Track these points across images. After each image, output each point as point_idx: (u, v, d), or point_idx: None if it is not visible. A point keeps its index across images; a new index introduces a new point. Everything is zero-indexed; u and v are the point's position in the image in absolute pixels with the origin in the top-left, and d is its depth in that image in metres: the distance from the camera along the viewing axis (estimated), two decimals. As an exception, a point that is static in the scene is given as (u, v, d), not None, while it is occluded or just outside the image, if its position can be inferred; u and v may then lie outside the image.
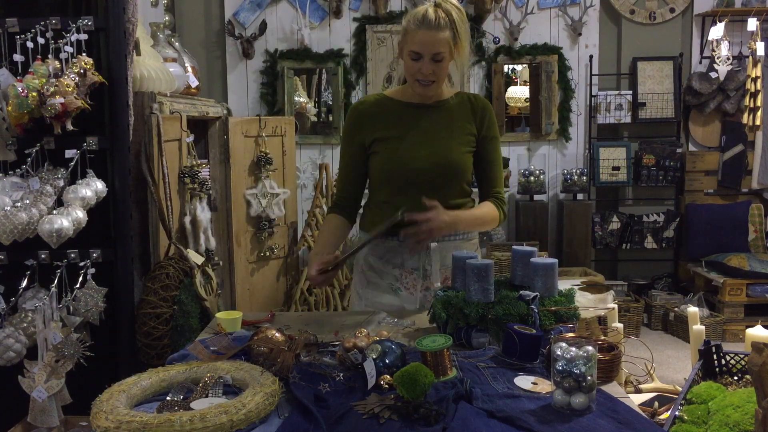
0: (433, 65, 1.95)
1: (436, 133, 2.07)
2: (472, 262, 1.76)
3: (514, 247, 1.92)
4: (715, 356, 2.25)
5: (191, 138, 3.20)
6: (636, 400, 2.92)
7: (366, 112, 2.12)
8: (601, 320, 3.85)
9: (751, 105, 4.79)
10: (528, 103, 5.46)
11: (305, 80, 5.36)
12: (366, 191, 2.21)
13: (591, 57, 5.19)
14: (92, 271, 2.42)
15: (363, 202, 2.24)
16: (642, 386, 3.25)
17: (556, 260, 1.82)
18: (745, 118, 4.86)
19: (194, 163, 3.18)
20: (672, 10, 5.19)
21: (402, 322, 1.92)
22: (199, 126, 3.60)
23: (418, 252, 2.07)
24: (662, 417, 2.67)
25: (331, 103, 5.29)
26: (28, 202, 2.24)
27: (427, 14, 1.92)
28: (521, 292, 1.72)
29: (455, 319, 1.72)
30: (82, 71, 2.32)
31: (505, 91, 5.33)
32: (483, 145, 2.12)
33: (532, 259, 1.82)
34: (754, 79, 4.76)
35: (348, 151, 2.15)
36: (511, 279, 1.88)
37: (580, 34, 5.18)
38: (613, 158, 5.16)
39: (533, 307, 1.67)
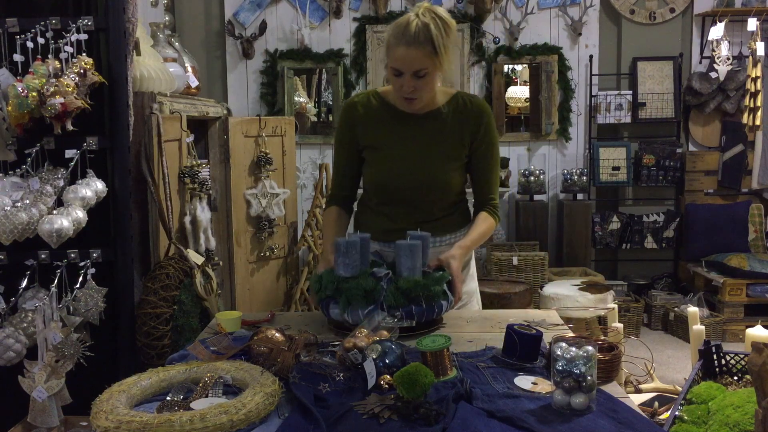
0: (415, 81, 1.87)
1: (427, 148, 2.02)
2: (338, 239, 1.85)
3: (408, 231, 1.92)
4: (715, 356, 2.26)
5: (191, 138, 3.20)
6: (636, 400, 2.93)
7: (359, 114, 2.06)
8: (601, 320, 3.86)
9: (751, 105, 4.79)
10: (528, 103, 5.46)
11: (305, 80, 5.36)
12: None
13: (591, 57, 5.19)
14: (92, 271, 2.42)
15: (358, 203, 2.24)
16: (642, 386, 3.26)
17: (419, 242, 1.84)
18: (745, 118, 4.86)
19: (194, 163, 3.18)
20: (672, 10, 5.19)
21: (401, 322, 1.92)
22: (199, 126, 3.60)
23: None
24: (662, 417, 2.67)
25: (331, 103, 5.30)
26: (28, 202, 2.24)
27: (408, 28, 1.82)
28: (374, 269, 1.82)
29: (323, 292, 1.85)
30: (82, 71, 2.32)
31: (505, 91, 5.33)
32: (478, 152, 2.06)
33: (397, 241, 1.86)
34: (754, 79, 4.75)
35: (342, 148, 2.13)
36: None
37: (580, 34, 5.18)
38: (613, 158, 5.16)
39: (382, 284, 1.77)
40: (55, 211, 2.24)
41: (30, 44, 2.37)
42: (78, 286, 2.37)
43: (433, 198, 2.06)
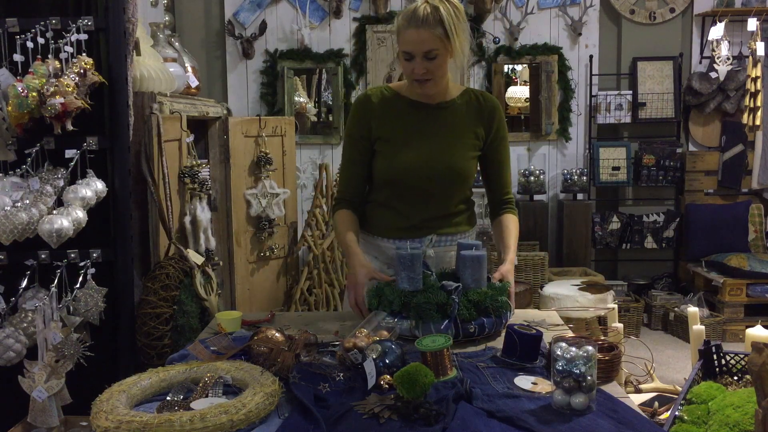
0: (427, 63, 1.88)
1: (441, 138, 2.01)
2: (400, 252, 1.80)
3: (459, 241, 1.96)
4: (715, 356, 2.25)
5: (191, 138, 3.20)
6: (636, 400, 2.92)
7: (373, 106, 2.04)
8: (601, 320, 3.86)
9: (751, 105, 4.79)
10: (528, 103, 5.46)
11: (305, 80, 5.36)
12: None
13: (591, 57, 5.19)
14: (92, 271, 2.42)
15: None
16: (642, 386, 3.25)
17: (484, 253, 1.86)
18: (745, 118, 4.86)
19: (194, 163, 3.18)
20: (672, 10, 5.19)
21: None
22: (199, 126, 3.60)
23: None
24: (662, 417, 2.67)
25: (331, 103, 5.29)
26: (28, 202, 2.24)
27: (416, 12, 1.85)
28: (444, 282, 1.78)
29: (383, 306, 1.78)
30: (82, 71, 2.32)
31: (505, 91, 5.33)
32: (492, 146, 2.08)
33: (461, 252, 1.85)
34: (754, 79, 4.75)
35: (355, 142, 2.06)
36: (455, 271, 1.92)
37: (580, 34, 5.18)
38: (613, 158, 5.16)
39: (454, 297, 1.72)
40: (55, 211, 2.24)
41: (30, 44, 2.37)
42: (78, 286, 2.37)
43: (451, 189, 2.05)
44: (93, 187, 2.34)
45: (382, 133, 2.02)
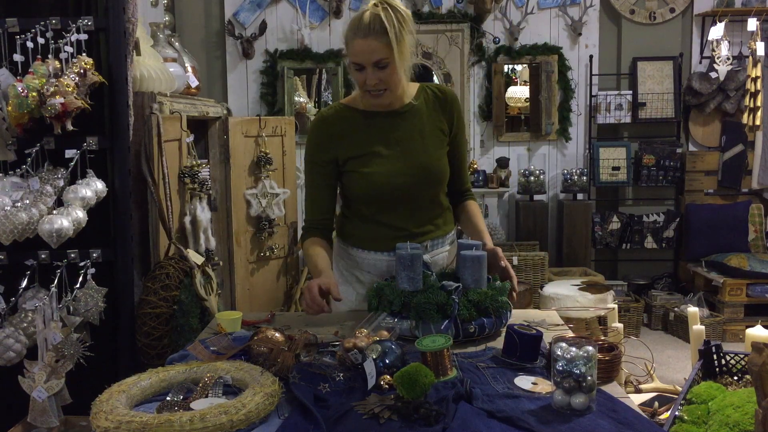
0: (378, 73, 1.83)
1: (411, 142, 1.97)
2: (400, 252, 1.79)
3: (460, 240, 1.95)
4: (715, 356, 2.26)
5: (191, 138, 3.19)
6: (636, 400, 2.93)
7: (333, 128, 1.98)
8: (601, 320, 3.86)
9: (751, 105, 4.79)
10: (528, 103, 5.46)
11: (305, 80, 5.36)
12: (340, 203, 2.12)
13: (591, 57, 5.19)
14: (92, 271, 2.41)
15: (342, 215, 2.12)
16: (642, 386, 3.26)
17: (484, 253, 1.84)
18: (745, 118, 4.86)
19: (194, 163, 3.18)
20: (672, 10, 5.19)
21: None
22: (199, 126, 3.60)
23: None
24: (662, 417, 2.67)
25: (331, 103, 5.29)
26: (28, 202, 2.23)
27: (362, 21, 1.80)
28: (444, 282, 1.78)
29: (383, 306, 1.78)
30: (82, 71, 2.32)
31: (505, 91, 5.33)
32: (455, 139, 2.06)
33: (461, 252, 1.84)
34: (754, 79, 4.76)
35: (318, 167, 2.01)
36: (455, 271, 1.91)
37: (580, 34, 5.18)
38: (613, 158, 5.16)
39: (454, 297, 1.72)
40: (55, 211, 2.24)
41: (30, 44, 2.37)
42: (78, 286, 2.37)
43: (432, 191, 2.03)
44: (93, 187, 2.34)
45: (351, 153, 1.97)
